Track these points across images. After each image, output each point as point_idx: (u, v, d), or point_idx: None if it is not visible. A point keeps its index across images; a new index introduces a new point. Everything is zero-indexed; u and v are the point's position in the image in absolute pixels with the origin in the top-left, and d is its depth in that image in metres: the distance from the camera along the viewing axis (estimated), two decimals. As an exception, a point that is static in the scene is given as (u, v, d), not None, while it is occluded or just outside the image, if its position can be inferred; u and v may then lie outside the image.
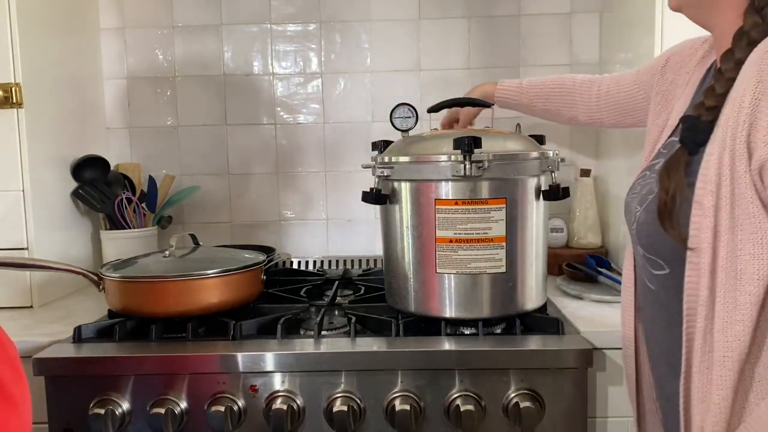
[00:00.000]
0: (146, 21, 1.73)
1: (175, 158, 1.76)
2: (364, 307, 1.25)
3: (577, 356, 1.01)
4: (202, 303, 1.13)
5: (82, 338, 1.12)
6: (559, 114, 1.30)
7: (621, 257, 1.51)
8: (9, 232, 1.35)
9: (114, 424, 1.01)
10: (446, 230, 1.07)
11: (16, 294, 1.36)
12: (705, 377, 0.72)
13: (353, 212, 1.76)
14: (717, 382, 0.71)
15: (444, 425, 1.02)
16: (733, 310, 0.70)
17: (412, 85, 1.73)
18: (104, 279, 1.16)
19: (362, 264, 1.72)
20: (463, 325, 1.12)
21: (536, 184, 1.10)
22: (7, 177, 1.34)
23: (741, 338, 0.69)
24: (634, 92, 1.14)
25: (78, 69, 1.61)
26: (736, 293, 0.69)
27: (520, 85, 1.32)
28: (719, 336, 0.71)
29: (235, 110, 1.75)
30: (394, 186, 1.12)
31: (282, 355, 1.02)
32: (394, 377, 1.02)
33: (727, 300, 0.70)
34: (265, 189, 1.77)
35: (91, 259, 1.62)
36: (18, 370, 0.58)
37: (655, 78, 1.03)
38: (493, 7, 1.70)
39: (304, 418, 1.03)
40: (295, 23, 1.73)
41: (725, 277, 0.70)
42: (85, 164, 1.55)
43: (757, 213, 0.68)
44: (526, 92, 1.31)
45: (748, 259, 0.69)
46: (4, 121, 1.33)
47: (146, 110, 1.75)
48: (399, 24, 1.72)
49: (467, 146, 1.01)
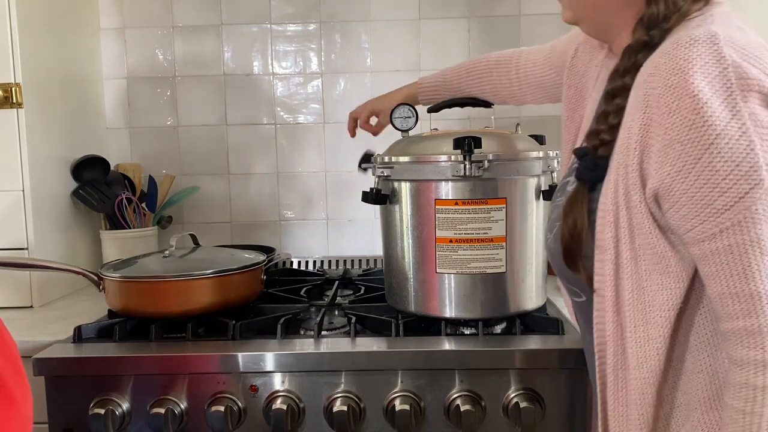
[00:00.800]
0: (146, 21, 1.73)
1: (175, 158, 1.76)
2: (364, 307, 1.25)
3: (577, 356, 1.01)
4: (202, 303, 1.13)
5: (82, 338, 1.12)
6: (488, 98, 1.23)
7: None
8: (9, 232, 1.35)
9: (114, 424, 1.01)
10: (446, 230, 1.07)
11: (16, 294, 1.36)
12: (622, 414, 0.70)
13: (353, 212, 1.76)
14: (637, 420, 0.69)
15: (444, 425, 1.02)
16: (645, 344, 0.67)
17: (412, 85, 1.73)
18: (104, 279, 1.16)
19: (362, 264, 1.72)
20: (463, 325, 1.12)
21: (536, 184, 1.10)
22: (7, 177, 1.34)
23: (657, 372, 0.67)
24: (548, 72, 1.11)
25: (78, 69, 1.61)
26: (647, 327, 0.67)
27: (444, 77, 1.26)
28: (634, 373, 0.68)
29: (235, 110, 1.75)
30: (394, 186, 1.12)
31: (282, 355, 1.02)
32: (394, 377, 1.02)
33: (638, 335, 0.68)
34: (265, 189, 1.77)
35: (91, 259, 1.62)
36: (19, 369, 0.58)
37: (566, 66, 1.00)
38: (493, 7, 1.70)
39: (304, 418, 1.03)
40: (295, 23, 1.73)
41: (633, 311, 0.68)
42: (85, 164, 1.55)
43: (658, 243, 0.66)
44: (449, 85, 1.25)
45: (656, 289, 0.67)
46: (4, 121, 1.33)
47: (146, 110, 1.75)
48: (399, 24, 1.72)
49: (467, 146, 1.01)
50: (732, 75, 0.60)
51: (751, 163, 0.59)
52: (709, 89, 0.60)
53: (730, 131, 0.60)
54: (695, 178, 0.61)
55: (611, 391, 0.71)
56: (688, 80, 0.61)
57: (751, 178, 0.60)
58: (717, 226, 0.61)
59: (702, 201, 0.62)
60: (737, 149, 0.60)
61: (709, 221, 0.62)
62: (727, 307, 0.62)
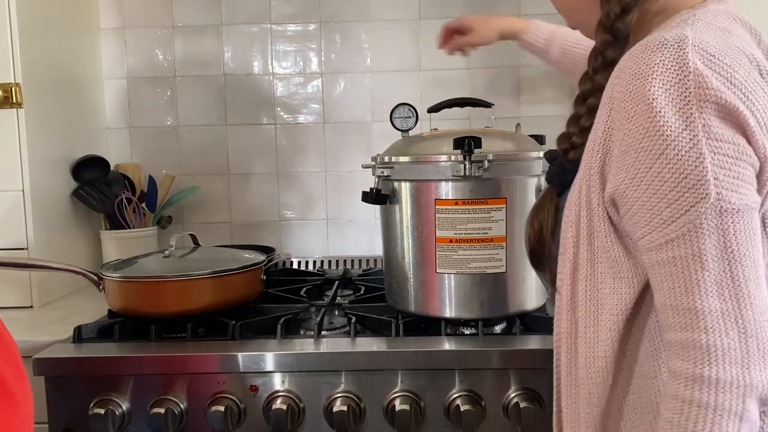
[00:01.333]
0: (146, 21, 1.73)
1: (175, 158, 1.76)
2: (364, 307, 1.25)
3: (577, 356, 1.02)
4: (202, 303, 1.13)
5: (82, 338, 1.12)
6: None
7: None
8: (9, 232, 1.35)
9: (114, 424, 1.01)
10: (446, 230, 1.07)
11: (16, 294, 1.36)
12: (573, 412, 0.71)
13: (353, 212, 1.76)
14: (585, 419, 0.69)
15: (444, 425, 1.02)
16: (594, 345, 0.68)
17: (412, 85, 1.73)
18: (104, 279, 1.16)
19: (362, 264, 1.72)
20: (463, 325, 1.12)
21: (536, 184, 1.10)
22: (7, 177, 1.34)
23: (604, 374, 0.67)
24: None
25: (78, 69, 1.61)
26: (598, 328, 0.67)
27: (552, 36, 1.22)
28: (582, 372, 0.69)
29: (235, 110, 1.75)
30: (394, 186, 1.12)
31: (282, 355, 1.02)
32: (394, 377, 1.02)
33: (588, 335, 0.68)
34: (265, 189, 1.77)
35: (91, 259, 1.62)
36: (20, 370, 0.58)
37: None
38: (493, 7, 1.70)
39: (304, 418, 1.03)
40: (295, 23, 1.73)
41: (585, 312, 0.68)
42: (85, 164, 1.55)
43: (613, 247, 0.66)
44: (558, 46, 1.21)
45: (608, 293, 0.67)
46: (4, 121, 1.33)
47: (146, 110, 1.75)
48: (399, 24, 1.72)
49: (467, 146, 1.02)
50: (691, 84, 0.59)
51: (699, 176, 0.58)
52: (665, 97, 0.59)
53: (681, 142, 0.59)
54: (646, 187, 0.61)
55: (564, 387, 0.72)
56: (646, 86, 0.60)
57: (698, 192, 0.58)
58: (663, 237, 0.61)
59: (651, 210, 0.61)
60: (686, 161, 0.59)
61: (656, 231, 0.61)
62: (668, 318, 0.62)
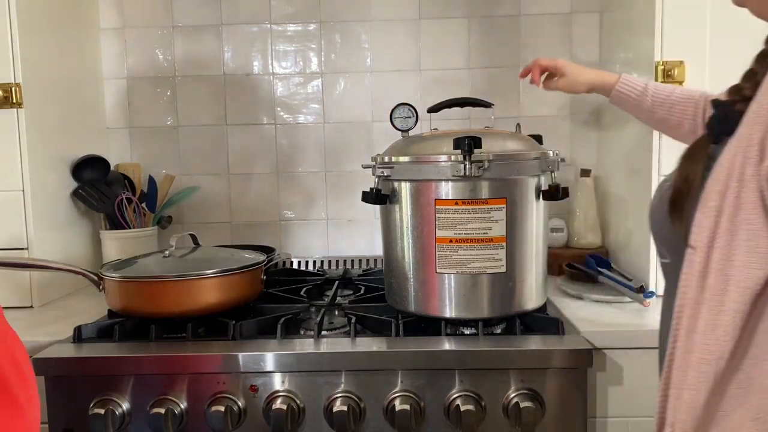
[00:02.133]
0: (146, 21, 1.73)
1: (175, 158, 1.76)
2: (364, 307, 1.25)
3: (577, 356, 1.01)
4: (202, 303, 1.13)
5: (82, 338, 1.12)
6: (679, 127, 1.19)
7: (621, 257, 1.51)
8: (9, 232, 1.35)
9: (114, 424, 1.01)
10: (446, 230, 1.07)
11: (16, 294, 1.36)
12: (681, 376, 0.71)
13: (353, 212, 1.76)
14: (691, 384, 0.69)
15: (444, 425, 1.02)
16: (717, 314, 0.68)
17: (412, 85, 1.73)
18: (104, 279, 1.16)
19: (362, 264, 1.72)
20: (463, 325, 1.12)
21: (536, 184, 1.10)
22: (7, 177, 1.34)
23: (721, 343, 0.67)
24: None
25: (78, 69, 1.61)
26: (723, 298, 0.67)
27: (647, 85, 1.21)
28: (699, 338, 0.69)
29: (235, 110, 1.75)
30: (394, 186, 1.12)
31: (282, 355, 1.02)
32: (394, 377, 1.02)
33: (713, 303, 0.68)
34: (265, 189, 1.77)
35: (91, 259, 1.62)
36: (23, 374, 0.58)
37: None
38: (493, 7, 1.70)
39: (304, 418, 1.03)
40: (295, 23, 1.73)
41: (715, 280, 0.68)
42: (85, 164, 1.55)
43: (757, 220, 0.66)
44: (652, 95, 1.20)
45: (740, 266, 0.67)
46: (4, 121, 1.33)
47: (146, 110, 1.75)
48: (399, 24, 1.72)
49: (467, 146, 1.01)
50: None
51: None
52: None
53: None
54: None
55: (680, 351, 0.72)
56: None
57: None
58: None
59: None
60: None
61: None
62: None
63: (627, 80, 1.23)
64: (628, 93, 1.23)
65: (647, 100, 1.20)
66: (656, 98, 1.20)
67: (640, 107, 1.22)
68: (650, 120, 1.24)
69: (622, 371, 1.10)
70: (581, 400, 1.03)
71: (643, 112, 1.22)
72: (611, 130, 1.60)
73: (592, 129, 1.72)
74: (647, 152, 1.30)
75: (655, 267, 1.30)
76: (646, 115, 1.23)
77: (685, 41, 1.26)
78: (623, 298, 1.27)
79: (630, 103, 1.23)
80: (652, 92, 1.21)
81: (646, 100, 1.21)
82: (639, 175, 1.37)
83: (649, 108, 1.21)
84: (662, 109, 1.20)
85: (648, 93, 1.21)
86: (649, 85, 1.22)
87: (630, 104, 1.24)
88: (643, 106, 1.21)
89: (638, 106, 1.22)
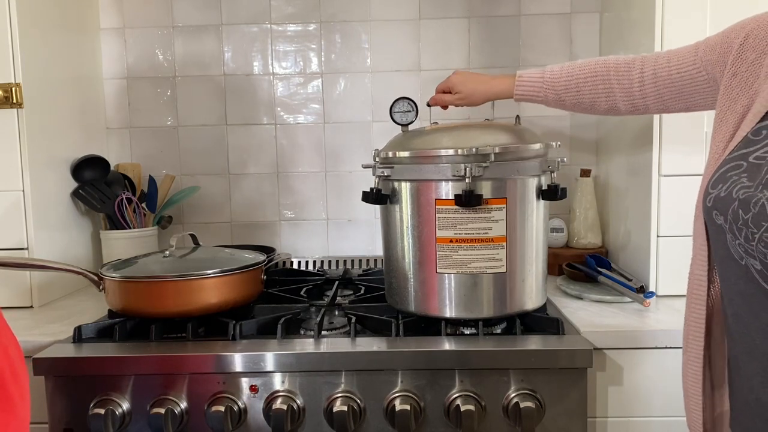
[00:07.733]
0: (146, 21, 1.73)
1: (175, 158, 1.76)
2: (364, 307, 1.25)
3: (577, 356, 1.01)
4: (202, 303, 1.13)
5: (82, 338, 1.12)
6: (593, 106, 1.13)
7: (621, 257, 1.51)
8: (9, 232, 1.35)
9: (114, 424, 1.01)
10: (446, 230, 1.07)
11: (16, 294, 1.36)
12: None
13: (353, 212, 1.76)
14: None
15: (444, 425, 1.02)
16: None
17: (412, 85, 1.73)
18: (104, 279, 1.16)
19: (362, 264, 1.72)
20: (463, 325, 1.12)
21: (536, 184, 1.10)
22: (7, 177, 1.34)
23: None
24: (694, 74, 0.97)
25: (78, 69, 1.61)
26: None
27: (543, 77, 1.15)
28: None
29: (235, 110, 1.75)
30: (395, 186, 1.12)
31: (282, 355, 1.02)
32: (394, 377, 1.02)
33: None
34: (265, 189, 1.77)
35: (91, 259, 1.62)
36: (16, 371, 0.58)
37: (728, 57, 0.88)
38: (493, 7, 1.70)
39: (304, 418, 1.03)
40: (295, 23, 1.73)
41: None
42: (85, 164, 1.55)
43: None
44: (551, 86, 1.14)
45: None
46: (4, 121, 1.33)
47: (146, 110, 1.75)
48: (399, 24, 1.72)
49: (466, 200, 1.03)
50: None
51: None
52: None
53: None
54: None
55: None
56: None
57: None
58: None
59: None
60: None
61: None
62: None
63: (522, 81, 1.17)
64: (528, 93, 1.17)
65: (552, 91, 1.14)
66: (559, 85, 1.13)
67: (548, 100, 1.16)
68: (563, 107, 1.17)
69: (622, 371, 1.10)
70: (581, 400, 1.03)
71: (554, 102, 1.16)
72: (611, 130, 1.60)
73: (592, 129, 1.72)
74: (647, 152, 1.30)
75: (655, 267, 1.30)
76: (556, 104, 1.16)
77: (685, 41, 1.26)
78: (623, 298, 1.27)
79: (536, 99, 1.18)
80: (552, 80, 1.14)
81: (550, 92, 1.15)
82: (639, 175, 1.37)
83: (556, 98, 1.15)
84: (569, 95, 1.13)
85: (548, 83, 1.14)
86: (545, 73, 1.15)
87: (537, 100, 1.18)
88: (550, 98, 1.15)
89: (545, 99, 1.17)
